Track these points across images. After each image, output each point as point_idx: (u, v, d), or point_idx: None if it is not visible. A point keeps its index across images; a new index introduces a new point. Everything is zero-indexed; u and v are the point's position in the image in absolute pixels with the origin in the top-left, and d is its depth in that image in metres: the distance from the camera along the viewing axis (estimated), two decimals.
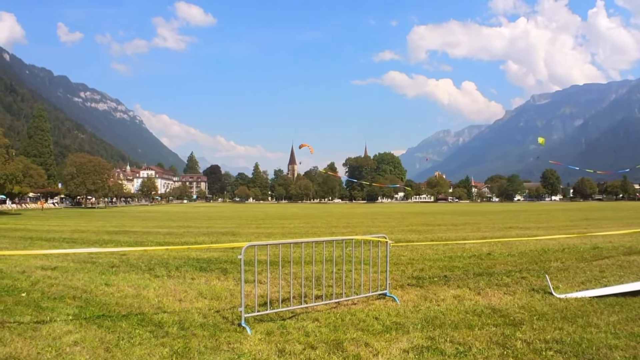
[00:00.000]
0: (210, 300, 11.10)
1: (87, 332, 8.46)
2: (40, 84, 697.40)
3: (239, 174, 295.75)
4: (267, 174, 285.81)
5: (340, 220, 51.94)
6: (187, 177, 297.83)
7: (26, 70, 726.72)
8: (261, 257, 13.27)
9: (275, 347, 7.59)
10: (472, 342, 7.56)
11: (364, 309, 9.89)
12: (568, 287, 11.85)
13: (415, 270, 14.65)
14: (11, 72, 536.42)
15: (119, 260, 17.89)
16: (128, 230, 37.50)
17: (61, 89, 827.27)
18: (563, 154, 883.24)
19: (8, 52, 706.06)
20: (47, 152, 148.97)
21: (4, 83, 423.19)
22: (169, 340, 7.96)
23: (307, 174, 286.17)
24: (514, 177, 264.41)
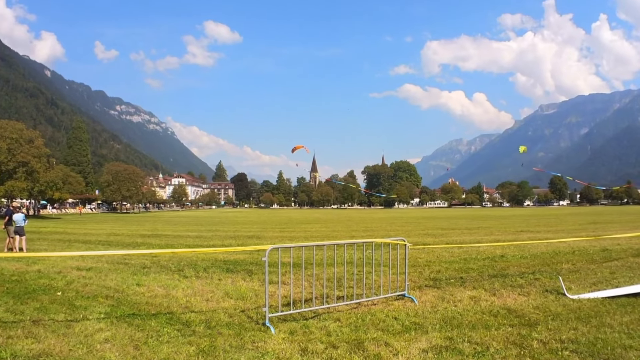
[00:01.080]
0: (235, 300, 11.00)
1: (117, 330, 8.42)
2: (79, 98, 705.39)
3: (264, 182, 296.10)
4: (290, 182, 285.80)
5: (359, 225, 51.84)
6: (216, 185, 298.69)
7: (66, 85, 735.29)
8: (285, 259, 13.13)
9: (298, 346, 7.47)
10: (489, 342, 7.39)
11: (383, 310, 9.72)
12: (580, 288, 11.61)
13: (432, 272, 14.47)
14: (52, 87, 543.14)
15: (150, 261, 17.89)
16: (160, 233, 37.67)
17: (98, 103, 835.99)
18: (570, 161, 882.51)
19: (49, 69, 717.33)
20: (85, 161, 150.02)
21: (46, 97, 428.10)
22: (195, 339, 7.87)
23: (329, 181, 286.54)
24: (524, 183, 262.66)
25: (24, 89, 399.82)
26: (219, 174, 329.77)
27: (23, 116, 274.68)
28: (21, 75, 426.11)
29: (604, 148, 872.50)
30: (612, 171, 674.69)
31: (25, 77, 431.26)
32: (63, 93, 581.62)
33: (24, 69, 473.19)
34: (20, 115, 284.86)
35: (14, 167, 74.94)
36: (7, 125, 77.98)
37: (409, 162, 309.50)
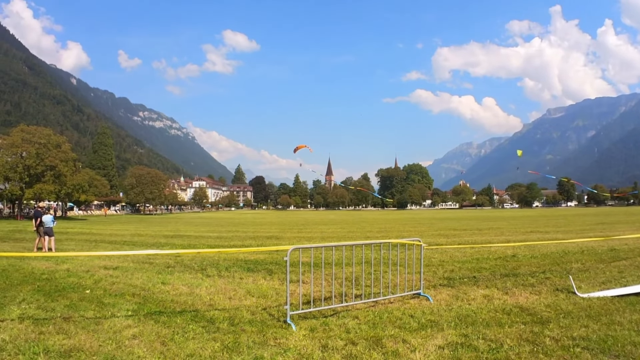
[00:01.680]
0: (257, 298, 11.00)
1: (144, 327, 8.45)
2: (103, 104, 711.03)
3: (281, 184, 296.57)
4: (306, 184, 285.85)
5: (373, 226, 51.73)
6: (235, 187, 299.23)
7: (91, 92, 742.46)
8: (304, 259, 13.11)
9: (318, 342, 7.47)
10: (503, 339, 7.36)
11: (400, 308, 9.70)
12: (590, 287, 11.52)
13: (445, 272, 14.41)
14: (78, 94, 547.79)
15: (174, 261, 17.95)
16: (182, 234, 37.78)
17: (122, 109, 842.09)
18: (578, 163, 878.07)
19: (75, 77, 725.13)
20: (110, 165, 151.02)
21: (72, 104, 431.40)
22: (220, 335, 7.89)
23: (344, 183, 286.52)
24: (533, 185, 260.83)
25: (52, 96, 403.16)
26: (238, 177, 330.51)
27: (50, 122, 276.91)
28: (48, 83, 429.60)
29: (610, 150, 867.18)
30: (619, 173, 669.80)
31: (52, 85, 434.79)
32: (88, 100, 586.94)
33: (51, 77, 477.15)
34: (48, 121, 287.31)
35: (42, 170, 75.65)
36: (36, 131, 78.78)
37: (421, 165, 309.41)
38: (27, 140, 75.80)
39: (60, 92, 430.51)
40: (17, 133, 77.22)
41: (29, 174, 74.73)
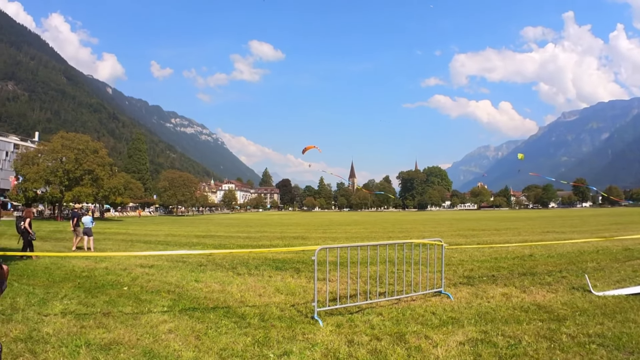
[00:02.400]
0: (286, 295, 11.04)
1: (180, 322, 8.53)
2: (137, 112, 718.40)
3: (306, 187, 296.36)
4: (330, 186, 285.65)
5: (395, 226, 51.51)
6: (262, 190, 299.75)
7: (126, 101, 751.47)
8: (330, 258, 13.14)
9: (344, 338, 7.49)
10: (521, 336, 7.32)
11: (422, 305, 9.67)
12: (605, 286, 11.39)
13: (465, 270, 14.33)
14: (114, 103, 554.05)
15: (206, 260, 18.06)
16: (213, 234, 37.92)
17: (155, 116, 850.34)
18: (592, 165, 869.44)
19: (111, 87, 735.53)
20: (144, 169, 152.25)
21: (108, 112, 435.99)
22: (251, 330, 7.95)
23: (366, 185, 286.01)
24: (548, 186, 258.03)
25: (89, 105, 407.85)
26: (265, 179, 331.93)
27: (88, 129, 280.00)
28: (86, 92, 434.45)
29: (624, 152, 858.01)
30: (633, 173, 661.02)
31: (89, 94, 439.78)
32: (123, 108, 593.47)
33: (88, 87, 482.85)
34: (86, 128, 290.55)
35: (80, 174, 76.52)
36: (75, 138, 79.74)
37: (440, 168, 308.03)
38: (66, 146, 76.78)
39: (97, 101, 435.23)
40: (57, 139, 78.29)
41: (69, 178, 75.68)
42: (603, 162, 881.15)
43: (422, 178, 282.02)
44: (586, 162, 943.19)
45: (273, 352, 6.80)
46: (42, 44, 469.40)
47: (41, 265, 16.08)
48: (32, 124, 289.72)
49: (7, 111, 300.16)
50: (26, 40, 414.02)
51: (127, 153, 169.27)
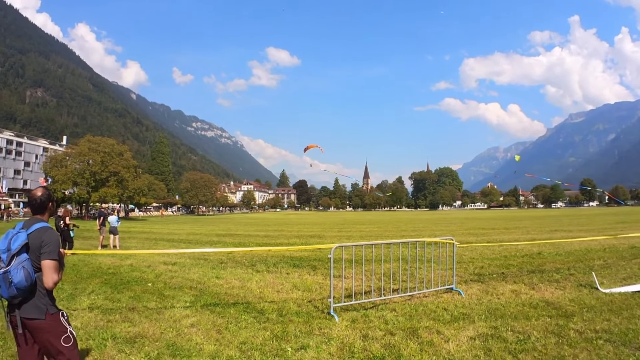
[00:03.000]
0: (303, 292, 11.04)
1: (201, 317, 8.59)
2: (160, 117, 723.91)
3: (322, 187, 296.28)
4: (345, 187, 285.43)
5: (407, 225, 51.35)
6: (280, 190, 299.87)
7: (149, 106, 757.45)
8: (345, 256, 13.15)
9: (359, 332, 7.49)
10: (530, 331, 7.30)
11: (434, 301, 9.63)
12: (612, 283, 11.30)
13: (476, 268, 14.25)
14: (138, 108, 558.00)
15: (227, 257, 18.14)
16: (233, 233, 38.00)
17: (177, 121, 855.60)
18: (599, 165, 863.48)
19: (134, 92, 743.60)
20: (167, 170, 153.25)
21: (132, 117, 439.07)
22: (269, 325, 7.97)
23: (379, 186, 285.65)
24: (556, 186, 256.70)
25: (114, 110, 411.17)
26: (283, 180, 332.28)
27: (113, 133, 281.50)
28: (111, 98, 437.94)
29: (630, 152, 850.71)
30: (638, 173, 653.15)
31: (114, 100, 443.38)
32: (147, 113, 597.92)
33: (113, 93, 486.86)
34: (111, 132, 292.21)
35: (106, 176, 77.36)
36: (101, 141, 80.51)
37: (451, 168, 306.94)
38: (93, 149, 77.53)
39: (121, 106, 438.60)
40: (84, 143, 79.10)
41: (95, 179, 76.60)
42: (609, 163, 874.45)
43: (433, 178, 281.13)
44: (593, 162, 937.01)
45: (291, 346, 6.82)
46: (69, 52, 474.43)
47: (69, 263, 16.20)
48: (60, 128, 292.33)
49: (37, 116, 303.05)
50: (54, 50, 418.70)
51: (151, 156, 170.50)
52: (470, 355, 6.32)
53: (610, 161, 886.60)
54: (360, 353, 6.50)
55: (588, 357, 6.13)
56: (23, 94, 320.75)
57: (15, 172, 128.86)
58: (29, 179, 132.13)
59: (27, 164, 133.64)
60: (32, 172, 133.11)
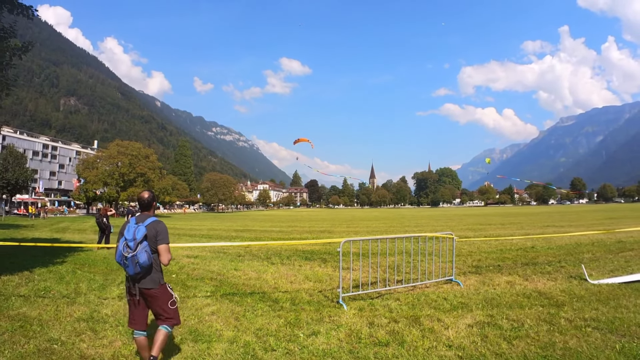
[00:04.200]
0: (314, 282, 11.06)
1: (221, 305, 8.63)
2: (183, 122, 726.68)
3: (331, 187, 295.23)
4: (353, 186, 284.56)
5: (411, 221, 51.17)
6: (293, 189, 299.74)
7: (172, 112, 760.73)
8: (353, 249, 13.15)
9: (366, 320, 7.51)
10: (524, 320, 7.31)
11: (435, 291, 9.62)
12: (600, 275, 11.25)
13: (473, 261, 14.19)
14: (162, 114, 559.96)
15: (244, 251, 18.15)
16: (250, 229, 38.05)
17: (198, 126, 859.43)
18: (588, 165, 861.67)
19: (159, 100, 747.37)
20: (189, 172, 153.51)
21: (157, 122, 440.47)
22: (283, 313, 8.02)
23: (384, 185, 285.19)
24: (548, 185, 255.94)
25: (140, 116, 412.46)
26: (295, 180, 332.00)
27: (140, 138, 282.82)
28: (138, 106, 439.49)
29: (617, 153, 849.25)
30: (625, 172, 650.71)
31: (140, 107, 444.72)
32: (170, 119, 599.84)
33: (140, 100, 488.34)
34: (138, 137, 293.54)
35: (134, 177, 77.87)
36: (129, 145, 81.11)
37: (450, 169, 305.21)
38: (121, 152, 78.15)
39: (147, 113, 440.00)
40: (114, 147, 79.85)
41: (123, 180, 77.16)
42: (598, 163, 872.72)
43: (434, 178, 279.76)
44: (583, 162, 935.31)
45: (303, 332, 6.85)
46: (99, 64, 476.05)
47: (100, 256, 16.32)
48: (92, 133, 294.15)
49: (70, 123, 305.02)
50: (85, 62, 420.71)
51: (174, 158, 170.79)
52: (468, 341, 6.33)
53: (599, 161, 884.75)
54: (366, 339, 6.53)
55: (577, 343, 6.12)
56: (57, 102, 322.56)
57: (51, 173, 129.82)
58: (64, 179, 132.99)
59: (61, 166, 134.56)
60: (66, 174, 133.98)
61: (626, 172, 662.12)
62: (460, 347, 6.08)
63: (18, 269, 13.12)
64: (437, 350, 6.03)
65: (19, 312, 8.29)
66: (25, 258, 15.70)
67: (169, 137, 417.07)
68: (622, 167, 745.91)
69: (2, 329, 7.20)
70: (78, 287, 10.63)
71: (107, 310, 8.39)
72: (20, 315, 8.07)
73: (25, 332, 6.99)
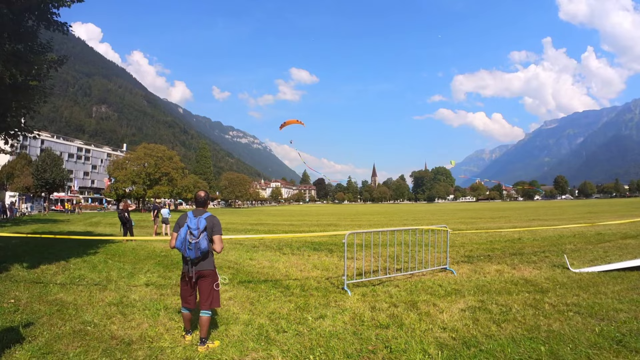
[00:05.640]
0: (321, 271, 11.05)
1: (238, 291, 8.65)
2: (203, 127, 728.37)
3: (337, 184, 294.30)
4: (356, 184, 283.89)
5: (409, 215, 51.06)
6: (302, 187, 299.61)
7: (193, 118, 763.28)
8: (357, 241, 13.14)
9: (368, 304, 7.51)
10: (511, 305, 7.29)
11: (430, 279, 9.60)
12: (581, 264, 11.17)
13: (466, 251, 14.13)
14: (184, 120, 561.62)
15: (258, 242, 18.18)
16: (263, 222, 38.08)
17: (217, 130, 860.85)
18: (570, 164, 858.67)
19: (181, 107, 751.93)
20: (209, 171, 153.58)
21: (180, 127, 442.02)
22: (294, 298, 8.03)
23: (385, 183, 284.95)
24: (534, 182, 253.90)
25: (164, 122, 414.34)
26: (304, 179, 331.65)
27: (164, 141, 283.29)
28: (162, 112, 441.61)
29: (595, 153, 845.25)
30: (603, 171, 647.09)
31: (164, 113, 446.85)
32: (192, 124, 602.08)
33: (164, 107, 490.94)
34: (162, 140, 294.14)
35: (159, 176, 78.47)
36: (154, 148, 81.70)
37: (445, 167, 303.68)
38: (148, 154, 78.69)
39: (171, 119, 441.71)
40: (141, 149, 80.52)
41: (150, 179, 77.75)
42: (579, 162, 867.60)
43: (430, 176, 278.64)
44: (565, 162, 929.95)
45: (311, 316, 6.86)
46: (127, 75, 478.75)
47: (129, 247, 16.38)
48: (121, 137, 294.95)
49: (102, 128, 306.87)
50: (115, 73, 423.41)
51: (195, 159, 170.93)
52: (461, 324, 6.31)
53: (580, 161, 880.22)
54: (369, 322, 6.53)
55: (560, 326, 6.10)
56: (90, 109, 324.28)
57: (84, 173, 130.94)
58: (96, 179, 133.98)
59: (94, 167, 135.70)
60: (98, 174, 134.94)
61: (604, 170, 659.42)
62: (454, 329, 6.07)
63: (55, 259, 13.23)
64: (432, 332, 6.02)
65: (56, 297, 8.38)
66: (62, 249, 15.80)
67: (191, 140, 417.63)
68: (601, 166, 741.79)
69: (42, 312, 7.29)
70: (109, 275, 10.70)
71: (135, 295, 8.44)
72: (58, 300, 8.15)
73: (62, 315, 7.07)
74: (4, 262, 12.71)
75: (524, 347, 5.39)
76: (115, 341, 5.89)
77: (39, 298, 8.32)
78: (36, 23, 12.02)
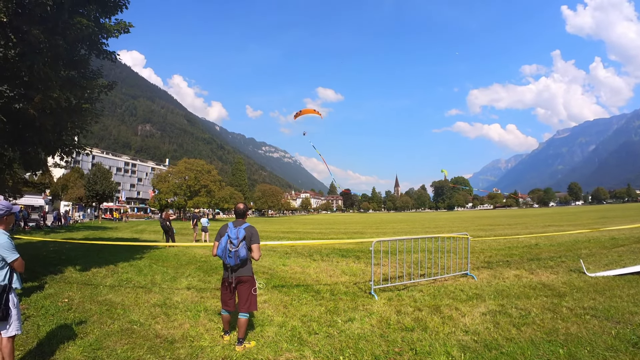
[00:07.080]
0: (349, 276, 10.99)
1: (272, 295, 8.68)
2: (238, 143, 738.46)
3: (362, 194, 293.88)
4: (380, 194, 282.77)
5: (430, 223, 50.52)
6: (330, 197, 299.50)
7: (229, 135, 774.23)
8: (383, 248, 13.06)
9: (394, 308, 7.46)
10: (530, 308, 7.14)
11: (452, 284, 9.48)
12: (596, 268, 10.88)
13: (485, 257, 13.91)
14: (221, 137, 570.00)
15: (290, 249, 18.19)
16: (295, 230, 38.14)
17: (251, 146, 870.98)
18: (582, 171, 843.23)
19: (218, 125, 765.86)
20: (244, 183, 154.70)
21: (217, 143, 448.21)
22: (324, 302, 8.02)
23: (407, 192, 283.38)
24: (548, 189, 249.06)
25: (203, 138, 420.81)
26: (332, 189, 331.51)
27: (203, 156, 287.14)
28: (200, 130, 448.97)
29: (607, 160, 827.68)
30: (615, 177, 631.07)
31: (203, 131, 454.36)
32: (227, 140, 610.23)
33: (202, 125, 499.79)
34: (201, 155, 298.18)
35: (198, 188, 79.78)
36: (194, 162, 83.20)
37: (464, 177, 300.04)
38: (188, 168, 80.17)
39: (209, 136, 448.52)
40: (182, 164, 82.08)
41: (190, 191, 79.12)
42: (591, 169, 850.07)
43: (450, 185, 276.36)
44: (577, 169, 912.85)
45: (340, 319, 6.84)
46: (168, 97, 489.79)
47: (172, 253, 16.59)
48: (164, 153, 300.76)
49: (146, 144, 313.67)
50: (157, 95, 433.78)
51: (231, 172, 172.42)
52: (482, 327, 6.22)
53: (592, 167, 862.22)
54: (395, 325, 6.49)
55: (578, 329, 5.96)
56: (136, 128, 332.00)
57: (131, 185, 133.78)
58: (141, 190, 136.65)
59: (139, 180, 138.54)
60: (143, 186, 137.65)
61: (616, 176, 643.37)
62: (476, 333, 5.99)
63: (105, 263, 13.54)
64: (455, 335, 5.95)
65: (105, 298, 8.61)
66: (110, 254, 16.16)
67: (227, 155, 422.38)
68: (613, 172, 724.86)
69: (92, 311, 7.50)
70: (153, 278, 10.90)
71: (177, 298, 8.58)
72: (107, 300, 8.37)
73: (110, 315, 7.26)
74: (59, 265, 13.10)
75: (543, 349, 5.29)
76: (159, 339, 6.01)
77: (90, 298, 8.56)
78: (88, 52, 12.42)
